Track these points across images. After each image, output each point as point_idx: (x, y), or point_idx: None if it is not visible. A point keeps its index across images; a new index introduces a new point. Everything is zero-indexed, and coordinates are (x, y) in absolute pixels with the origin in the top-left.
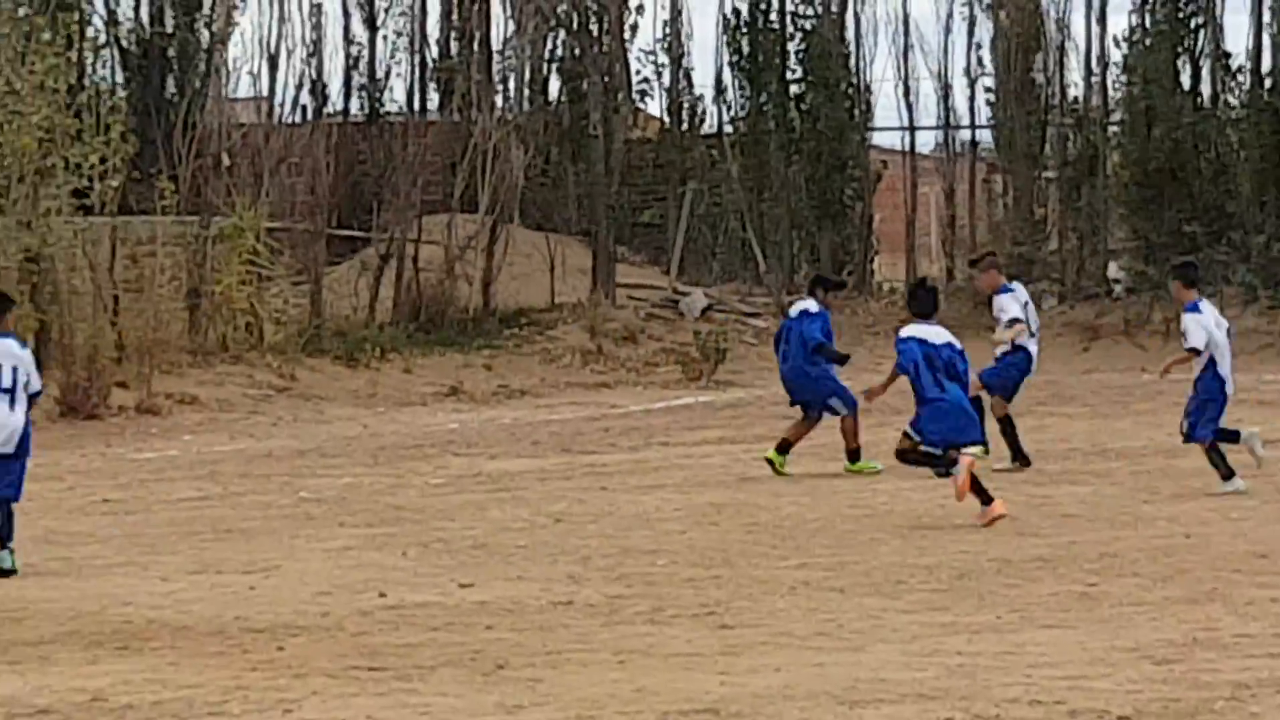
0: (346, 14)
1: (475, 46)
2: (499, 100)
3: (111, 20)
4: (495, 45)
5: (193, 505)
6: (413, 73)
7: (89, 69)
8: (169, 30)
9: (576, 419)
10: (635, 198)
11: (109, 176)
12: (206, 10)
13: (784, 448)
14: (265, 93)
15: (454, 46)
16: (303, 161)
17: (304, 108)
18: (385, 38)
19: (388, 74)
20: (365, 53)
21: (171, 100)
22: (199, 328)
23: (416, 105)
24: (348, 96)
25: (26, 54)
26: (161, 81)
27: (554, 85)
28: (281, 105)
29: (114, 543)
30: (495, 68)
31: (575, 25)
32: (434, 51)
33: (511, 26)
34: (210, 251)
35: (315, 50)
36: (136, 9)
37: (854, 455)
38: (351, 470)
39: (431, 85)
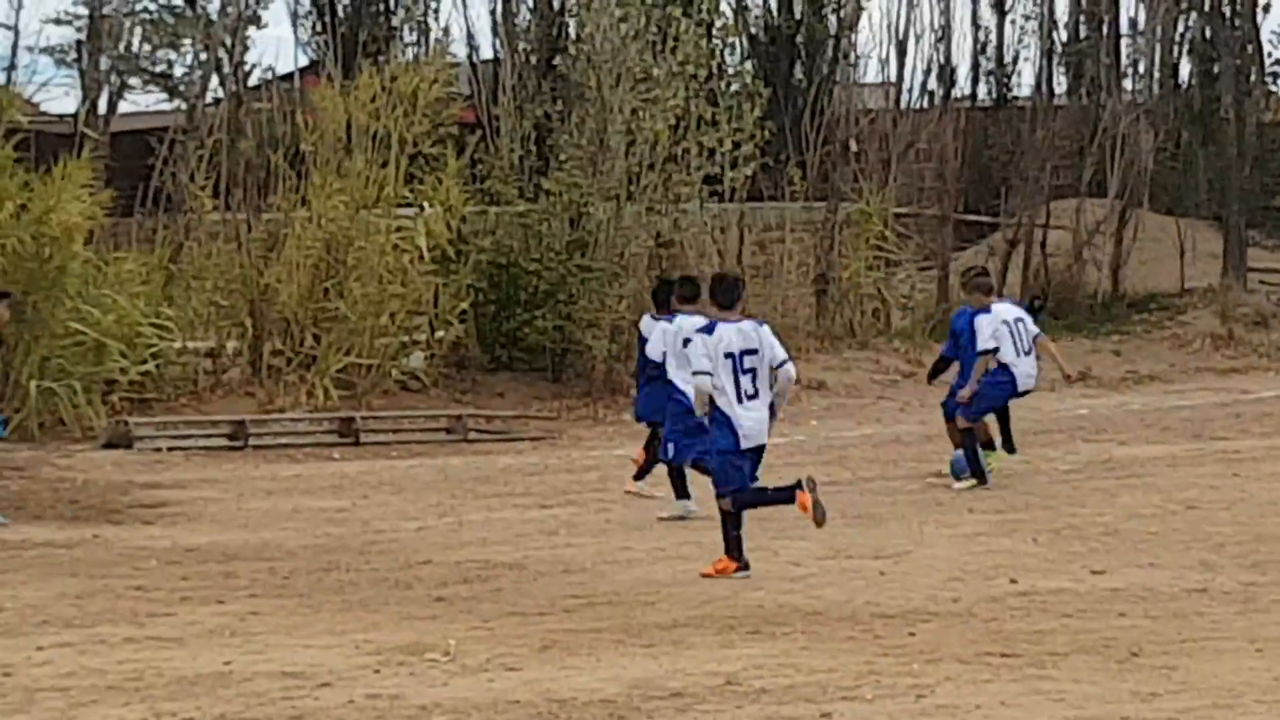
0: None
1: (1104, 29)
2: (1128, 83)
3: (740, 8)
4: (1124, 28)
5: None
6: (1041, 56)
7: (720, 57)
8: (797, 17)
9: (1207, 405)
10: (1268, 181)
11: (741, 163)
12: None
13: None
14: (893, 78)
15: (1082, 30)
16: (930, 147)
17: (931, 93)
18: (1014, 22)
19: (1016, 58)
20: (993, 37)
21: (800, 87)
22: (826, 313)
23: (1045, 89)
24: (975, 81)
25: (660, 42)
26: (790, 68)
27: (1184, 67)
28: (909, 90)
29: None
30: (1125, 50)
31: (1206, 6)
32: (1062, 35)
33: (1141, 9)
34: (838, 237)
35: (944, 35)
36: None
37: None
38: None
39: (1060, 69)
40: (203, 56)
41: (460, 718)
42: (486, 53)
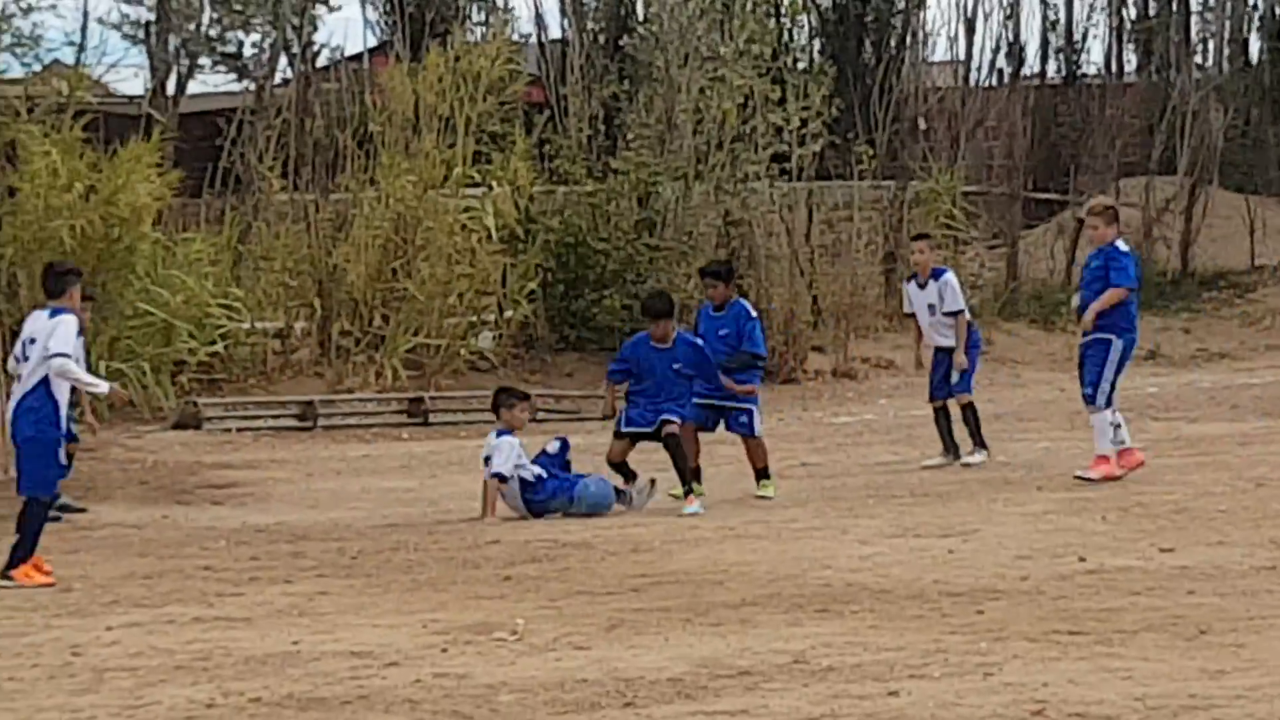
0: None
1: (1174, 6)
2: (1198, 60)
3: None
4: (1194, 4)
5: (889, 469)
6: (1111, 33)
7: (787, 35)
8: None
9: (1277, 382)
10: None
11: (808, 142)
12: None
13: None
14: (962, 56)
15: (1152, 6)
16: (999, 125)
17: (1000, 71)
18: None
19: (1085, 35)
20: (1062, 14)
21: (868, 65)
22: (895, 292)
23: (1114, 66)
24: (1044, 59)
25: (726, 21)
26: (858, 46)
27: (1255, 44)
28: (978, 68)
29: (812, 506)
30: (1195, 28)
31: None
32: (1132, 12)
33: None
34: (906, 216)
35: (1012, 13)
36: None
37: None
38: (1048, 434)
39: (1129, 46)
40: (271, 37)
41: (528, 697)
42: (555, 33)
